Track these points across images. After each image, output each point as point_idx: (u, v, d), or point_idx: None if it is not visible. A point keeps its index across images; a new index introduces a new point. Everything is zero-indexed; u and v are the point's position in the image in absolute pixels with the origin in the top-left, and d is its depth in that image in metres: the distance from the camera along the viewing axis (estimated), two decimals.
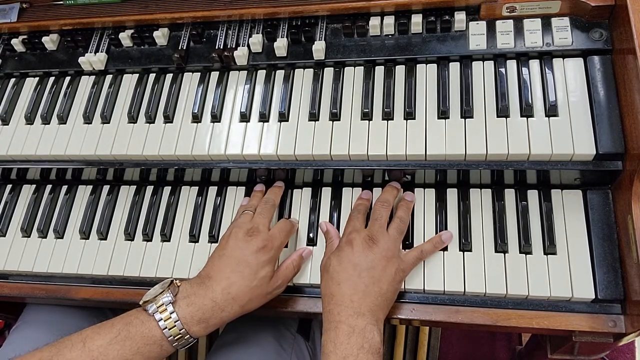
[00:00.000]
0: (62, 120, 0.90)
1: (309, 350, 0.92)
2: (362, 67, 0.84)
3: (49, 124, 0.90)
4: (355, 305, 0.67)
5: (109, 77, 0.92)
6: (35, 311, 0.93)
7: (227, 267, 0.69)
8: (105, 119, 0.88)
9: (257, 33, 0.87)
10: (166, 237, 0.85)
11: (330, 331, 0.66)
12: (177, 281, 0.69)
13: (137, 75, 0.92)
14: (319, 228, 0.81)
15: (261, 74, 0.87)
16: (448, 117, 0.77)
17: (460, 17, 0.80)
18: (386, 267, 0.70)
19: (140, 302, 0.67)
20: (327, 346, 0.65)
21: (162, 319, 0.64)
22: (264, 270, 0.70)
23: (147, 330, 0.64)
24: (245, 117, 0.83)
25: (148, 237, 0.86)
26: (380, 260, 0.70)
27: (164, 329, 0.64)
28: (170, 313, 0.64)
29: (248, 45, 0.87)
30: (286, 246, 0.80)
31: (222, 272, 0.69)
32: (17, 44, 0.95)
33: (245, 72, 0.87)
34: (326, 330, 0.67)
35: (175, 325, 0.64)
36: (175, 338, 0.65)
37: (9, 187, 0.96)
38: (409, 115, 0.78)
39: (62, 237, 0.89)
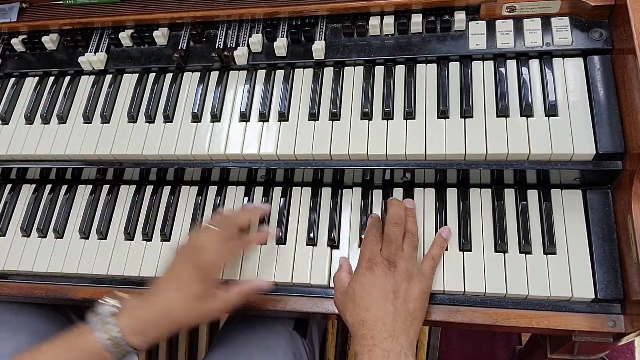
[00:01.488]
0: (62, 120, 0.90)
1: (306, 348, 0.92)
2: (362, 67, 0.84)
3: (49, 123, 0.90)
4: (389, 329, 0.66)
5: (109, 77, 0.93)
6: (8, 311, 0.92)
7: (166, 282, 0.71)
8: (105, 119, 0.88)
9: (257, 33, 0.87)
10: (166, 237, 0.85)
11: (364, 355, 0.66)
12: (121, 293, 0.71)
13: (137, 75, 0.92)
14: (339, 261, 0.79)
15: (261, 74, 0.87)
16: (448, 117, 0.77)
17: (460, 17, 0.80)
18: (409, 287, 0.70)
19: (87, 318, 0.69)
20: None
21: (102, 331, 0.66)
22: (193, 288, 0.69)
23: (89, 342, 0.66)
24: (245, 117, 0.83)
25: (148, 237, 0.86)
26: (402, 282, 0.70)
27: (104, 340, 0.66)
28: (111, 325, 0.67)
29: (248, 45, 0.87)
30: (283, 243, 0.80)
31: (162, 287, 0.71)
32: (17, 44, 0.95)
33: (245, 72, 0.87)
34: (361, 354, 0.66)
35: (115, 337, 0.66)
36: (115, 348, 0.66)
37: (9, 187, 0.96)
38: (409, 115, 0.78)
39: (62, 237, 0.89)
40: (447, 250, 0.76)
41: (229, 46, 0.88)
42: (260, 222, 0.83)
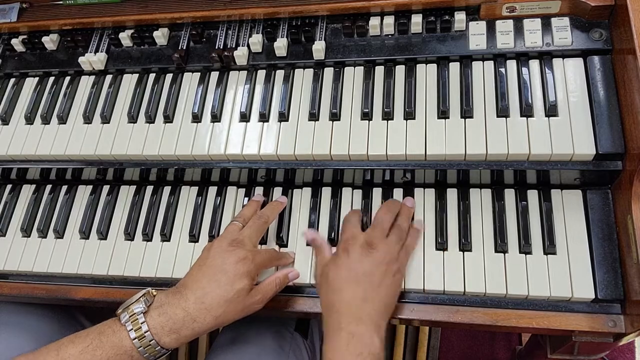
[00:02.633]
0: (62, 120, 0.90)
1: (307, 348, 0.92)
2: (362, 67, 0.84)
3: (48, 124, 0.90)
4: (354, 311, 0.66)
5: (109, 77, 0.92)
6: (7, 312, 0.92)
7: (203, 277, 0.68)
8: (105, 119, 0.88)
9: (257, 33, 0.87)
10: (166, 237, 0.85)
11: (330, 339, 0.66)
12: (153, 290, 0.68)
13: (137, 75, 0.92)
14: (304, 237, 0.80)
15: (261, 74, 0.87)
16: (448, 117, 0.77)
17: (460, 17, 0.80)
18: (385, 272, 0.69)
19: (117, 312, 0.66)
20: (327, 354, 0.65)
21: (132, 329, 0.64)
22: (241, 282, 0.67)
23: (118, 340, 0.64)
24: (245, 117, 0.83)
25: (148, 237, 0.86)
26: (378, 265, 0.69)
27: (133, 339, 0.63)
28: (141, 323, 0.64)
29: (248, 45, 0.87)
30: (284, 244, 0.80)
31: (199, 281, 0.67)
32: (17, 44, 0.95)
33: (245, 72, 0.87)
34: (326, 339, 0.67)
35: (145, 336, 0.63)
36: (145, 349, 0.64)
37: (9, 187, 0.96)
38: (409, 115, 0.78)
39: (62, 237, 0.89)
40: (447, 250, 0.76)
41: (229, 46, 0.88)
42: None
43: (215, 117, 0.84)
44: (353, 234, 0.73)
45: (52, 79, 0.95)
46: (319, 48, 0.83)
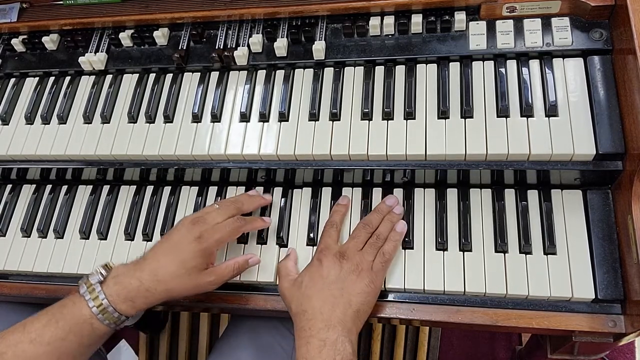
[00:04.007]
0: (62, 120, 0.90)
1: None
2: (362, 67, 0.84)
3: (49, 124, 0.90)
4: (325, 317, 0.67)
5: (109, 77, 0.93)
6: (7, 311, 0.92)
7: (161, 251, 0.71)
8: (105, 119, 0.88)
9: (257, 33, 0.87)
10: None
11: (302, 347, 0.66)
12: (112, 262, 0.71)
13: (137, 75, 0.92)
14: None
15: (261, 74, 0.87)
16: (448, 117, 0.77)
17: (460, 17, 0.80)
18: (356, 281, 0.70)
19: (77, 285, 0.69)
20: None
21: (90, 299, 0.67)
22: (193, 260, 0.70)
23: (78, 310, 0.67)
24: (245, 117, 0.83)
25: (148, 237, 0.86)
26: (349, 274, 0.70)
27: (92, 307, 0.66)
28: (98, 292, 0.67)
29: (248, 45, 0.87)
30: (284, 244, 0.80)
31: (156, 254, 0.71)
32: (17, 44, 0.95)
33: (245, 72, 0.87)
34: (299, 347, 0.67)
35: (102, 304, 0.66)
36: (104, 316, 0.67)
37: (9, 187, 0.96)
38: (409, 115, 0.78)
39: (62, 237, 0.89)
40: (447, 250, 0.76)
41: (229, 46, 0.88)
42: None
43: (216, 117, 0.84)
44: (327, 244, 0.75)
45: (52, 79, 0.95)
46: (319, 48, 0.83)
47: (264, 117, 0.83)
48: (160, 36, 0.90)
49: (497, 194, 0.79)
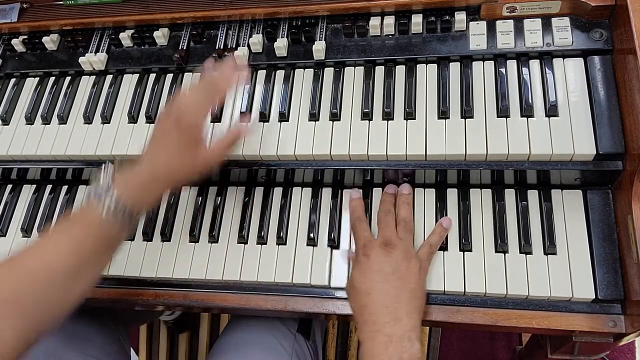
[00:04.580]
0: (62, 120, 0.90)
1: (309, 349, 0.92)
2: (362, 67, 0.84)
3: (49, 124, 0.90)
4: (391, 311, 0.66)
5: (109, 77, 0.93)
6: None
7: (150, 146, 0.72)
8: (106, 119, 0.88)
9: (257, 33, 0.87)
10: (166, 237, 0.85)
11: (367, 342, 0.65)
12: (111, 164, 0.72)
13: (137, 75, 0.92)
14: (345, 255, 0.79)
15: (261, 74, 0.87)
16: (448, 117, 0.77)
17: (460, 17, 0.80)
18: (409, 266, 0.70)
19: (86, 196, 0.69)
20: (365, 358, 0.64)
21: (100, 201, 0.67)
22: (181, 137, 0.71)
23: (89, 213, 0.67)
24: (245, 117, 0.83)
25: (148, 237, 0.86)
26: (402, 261, 0.70)
27: (103, 209, 0.66)
28: (107, 194, 0.67)
29: (248, 45, 0.87)
30: (284, 243, 0.80)
31: (147, 150, 0.72)
32: (17, 44, 0.95)
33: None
34: (363, 341, 0.66)
35: (112, 203, 0.67)
36: (117, 215, 0.67)
37: (9, 187, 0.96)
38: (409, 115, 0.78)
39: None
40: (447, 250, 0.76)
41: (229, 46, 0.88)
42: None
43: (216, 117, 0.84)
44: (366, 238, 0.74)
45: (52, 79, 0.95)
46: (319, 48, 0.83)
47: (264, 117, 0.83)
48: (161, 36, 0.90)
49: (497, 194, 0.79)
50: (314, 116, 0.81)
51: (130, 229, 0.69)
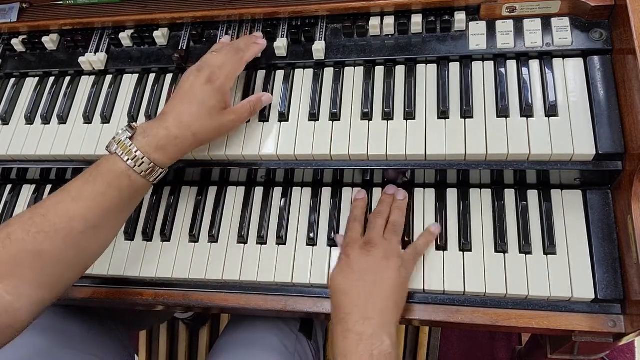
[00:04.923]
0: (62, 120, 0.90)
1: (311, 349, 0.92)
2: (362, 67, 0.84)
3: (49, 124, 0.90)
4: (362, 310, 0.67)
5: (109, 77, 0.92)
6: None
7: (178, 101, 0.73)
8: (105, 119, 0.88)
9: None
10: (166, 237, 0.85)
11: (340, 342, 0.66)
12: (135, 123, 0.72)
13: (137, 75, 0.92)
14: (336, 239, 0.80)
15: (261, 73, 0.87)
16: (448, 117, 0.77)
17: (460, 17, 0.80)
18: (387, 267, 0.70)
19: (106, 148, 0.70)
20: (339, 357, 0.66)
21: (123, 153, 0.68)
22: (211, 100, 0.72)
23: (112, 164, 0.68)
24: None
25: (148, 237, 0.86)
26: (379, 261, 0.70)
27: (126, 160, 0.68)
28: (130, 146, 0.68)
29: None
30: (283, 243, 0.81)
31: (175, 106, 0.73)
32: (17, 44, 0.95)
33: (245, 72, 0.87)
34: (336, 341, 0.67)
35: (136, 156, 0.68)
36: (140, 167, 0.68)
37: (9, 187, 0.96)
38: (409, 115, 0.78)
39: None
40: (447, 250, 0.76)
41: None
42: None
43: None
44: (352, 238, 0.75)
45: (52, 79, 0.95)
46: (319, 48, 0.83)
47: (263, 117, 0.83)
48: (160, 36, 0.90)
49: (497, 194, 0.79)
50: (313, 116, 0.81)
51: (152, 183, 0.70)
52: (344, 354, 0.65)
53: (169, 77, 0.90)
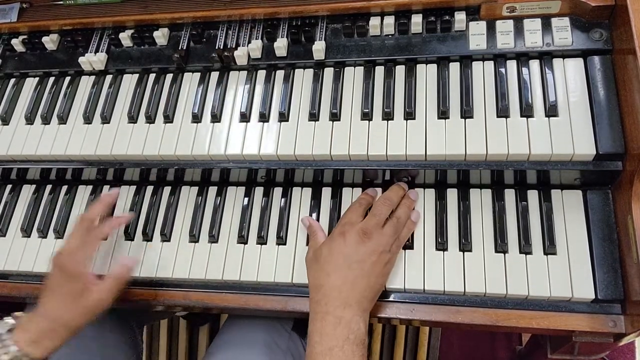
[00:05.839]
0: (62, 120, 0.90)
1: (304, 347, 0.91)
2: (362, 67, 0.84)
3: (49, 124, 0.90)
4: (343, 297, 0.68)
5: (109, 77, 0.92)
6: None
7: (44, 294, 0.75)
8: (105, 119, 0.88)
9: (257, 33, 0.87)
10: (166, 237, 0.85)
11: (317, 322, 0.68)
12: (18, 313, 0.74)
13: (137, 75, 0.92)
14: (301, 223, 0.81)
15: (261, 74, 0.87)
16: (448, 117, 0.77)
17: (460, 17, 0.80)
18: (376, 261, 0.71)
19: None
20: (313, 337, 0.67)
21: (1, 347, 0.69)
22: (64, 286, 0.73)
23: None
24: (245, 117, 0.83)
25: (148, 237, 0.86)
26: (371, 254, 0.71)
27: (3, 355, 0.69)
28: (7, 341, 0.70)
29: (248, 45, 0.87)
30: (283, 243, 0.81)
31: (42, 298, 0.75)
32: (17, 44, 0.95)
33: (245, 72, 0.87)
34: (312, 321, 0.68)
35: (12, 351, 0.69)
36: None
37: (9, 187, 0.96)
38: (409, 115, 0.78)
39: (62, 237, 0.89)
40: (447, 250, 0.76)
41: (228, 46, 0.88)
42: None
43: (216, 117, 0.84)
44: (351, 219, 0.75)
45: (52, 79, 0.95)
46: (319, 48, 0.83)
47: (263, 117, 0.83)
48: (160, 36, 0.90)
49: (497, 194, 0.79)
50: (313, 116, 0.81)
51: None
52: (320, 335, 0.66)
53: (169, 77, 0.90)
